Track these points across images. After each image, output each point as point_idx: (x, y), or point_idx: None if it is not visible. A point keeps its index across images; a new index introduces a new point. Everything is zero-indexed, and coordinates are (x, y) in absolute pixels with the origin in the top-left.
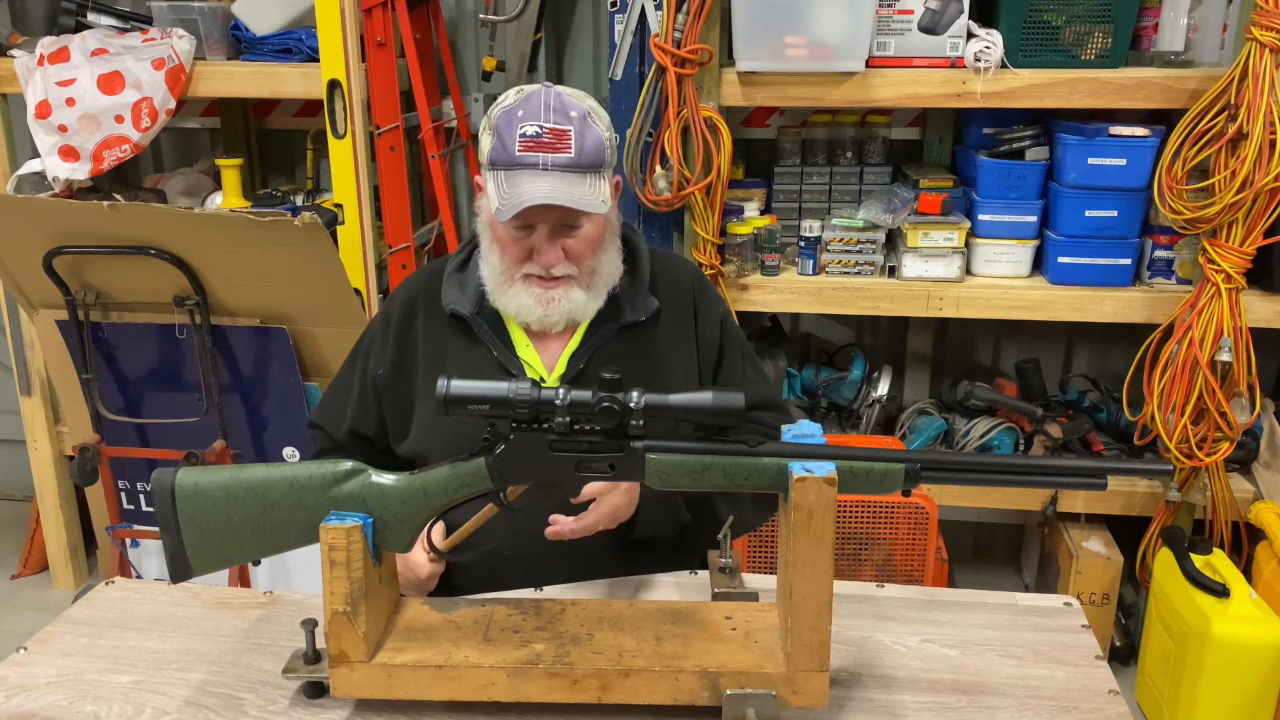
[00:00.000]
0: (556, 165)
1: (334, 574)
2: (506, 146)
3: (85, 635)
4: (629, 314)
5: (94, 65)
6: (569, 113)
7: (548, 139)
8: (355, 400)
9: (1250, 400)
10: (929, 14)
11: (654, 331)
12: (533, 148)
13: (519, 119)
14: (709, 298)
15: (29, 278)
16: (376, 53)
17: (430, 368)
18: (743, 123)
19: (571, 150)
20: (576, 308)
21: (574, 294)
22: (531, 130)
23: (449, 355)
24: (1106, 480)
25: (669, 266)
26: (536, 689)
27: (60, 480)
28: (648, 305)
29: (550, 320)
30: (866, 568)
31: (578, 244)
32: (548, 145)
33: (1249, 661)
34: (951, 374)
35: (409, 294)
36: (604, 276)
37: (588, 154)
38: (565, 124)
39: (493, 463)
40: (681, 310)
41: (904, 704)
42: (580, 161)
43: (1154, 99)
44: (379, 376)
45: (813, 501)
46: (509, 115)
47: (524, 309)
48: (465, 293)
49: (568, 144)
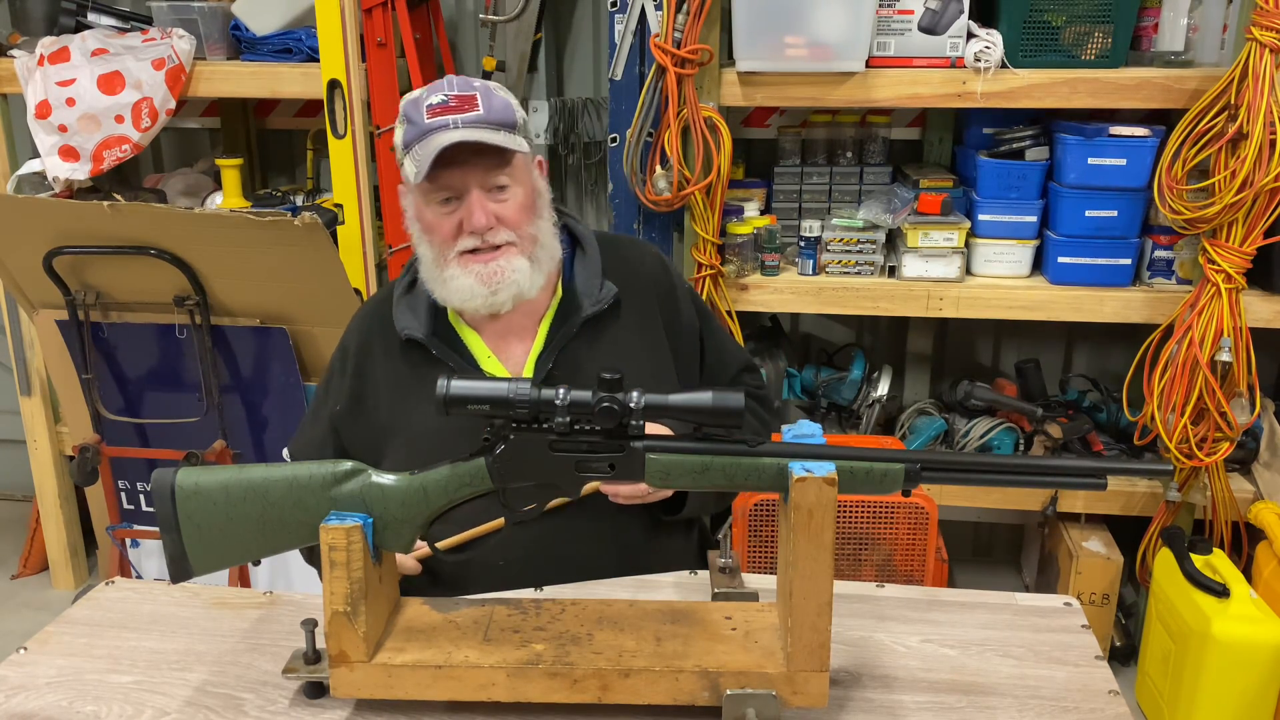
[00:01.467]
0: (466, 122)
1: (334, 574)
2: (415, 121)
3: (85, 635)
4: (588, 306)
5: (94, 65)
6: (471, 83)
7: (454, 103)
8: (322, 435)
9: (1250, 400)
10: (929, 14)
11: (617, 322)
12: (440, 112)
13: (423, 98)
14: (673, 278)
15: (29, 278)
16: (376, 53)
17: (395, 396)
18: (743, 123)
19: (479, 108)
20: (522, 279)
21: (517, 263)
22: (437, 99)
23: (411, 382)
24: (1106, 480)
25: (624, 251)
26: (536, 689)
27: (60, 480)
28: (606, 293)
29: (497, 299)
30: (866, 568)
31: (507, 208)
32: (455, 108)
33: (1249, 661)
34: (951, 374)
35: (363, 325)
36: (546, 249)
37: (496, 111)
38: (469, 90)
39: (493, 463)
40: (644, 296)
41: (904, 704)
42: (489, 118)
43: (1154, 99)
44: (336, 414)
45: (813, 501)
46: (414, 100)
47: (467, 292)
48: (417, 314)
49: (475, 104)
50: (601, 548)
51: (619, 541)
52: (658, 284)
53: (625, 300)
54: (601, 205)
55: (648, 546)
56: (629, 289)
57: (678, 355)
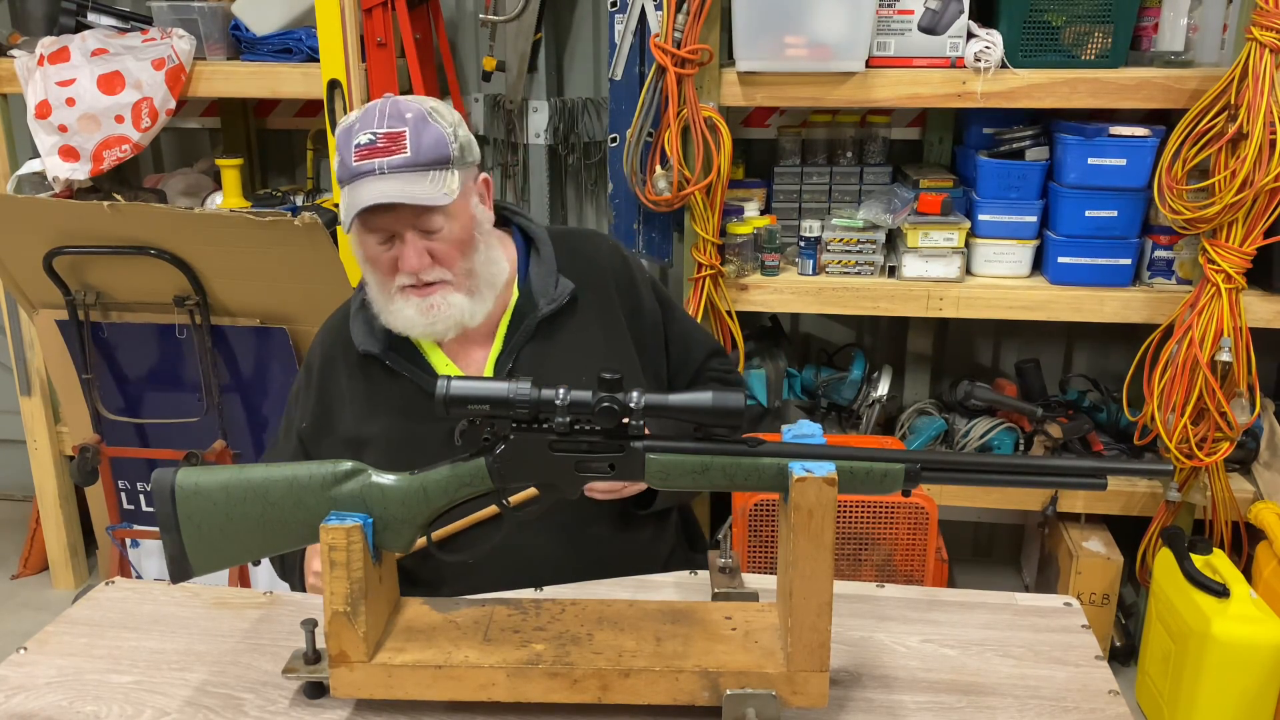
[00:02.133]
0: (393, 167)
1: (334, 574)
2: (345, 160)
3: (85, 635)
4: (544, 305)
5: (94, 65)
6: (404, 115)
7: (381, 144)
8: (294, 449)
9: (1250, 400)
10: (929, 14)
11: (576, 318)
12: (367, 154)
13: (355, 131)
14: (632, 268)
15: (29, 278)
16: (376, 53)
17: (360, 411)
18: (743, 123)
19: (407, 149)
20: (462, 313)
21: (454, 299)
22: (365, 139)
23: (374, 395)
24: (1106, 480)
25: (580, 245)
26: (536, 689)
27: (60, 480)
28: (562, 290)
29: (437, 330)
30: (866, 568)
31: (442, 246)
32: (381, 150)
33: (1249, 661)
34: (951, 374)
35: (326, 341)
36: (484, 278)
37: (425, 151)
38: (399, 126)
39: (493, 463)
40: (602, 289)
41: (904, 704)
42: (419, 160)
43: (1154, 99)
44: (302, 430)
45: (813, 501)
46: (348, 131)
47: (408, 322)
48: (373, 329)
49: (402, 145)
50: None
51: (585, 536)
52: (616, 275)
53: (583, 295)
54: (601, 205)
55: (613, 541)
56: (586, 283)
57: (642, 346)
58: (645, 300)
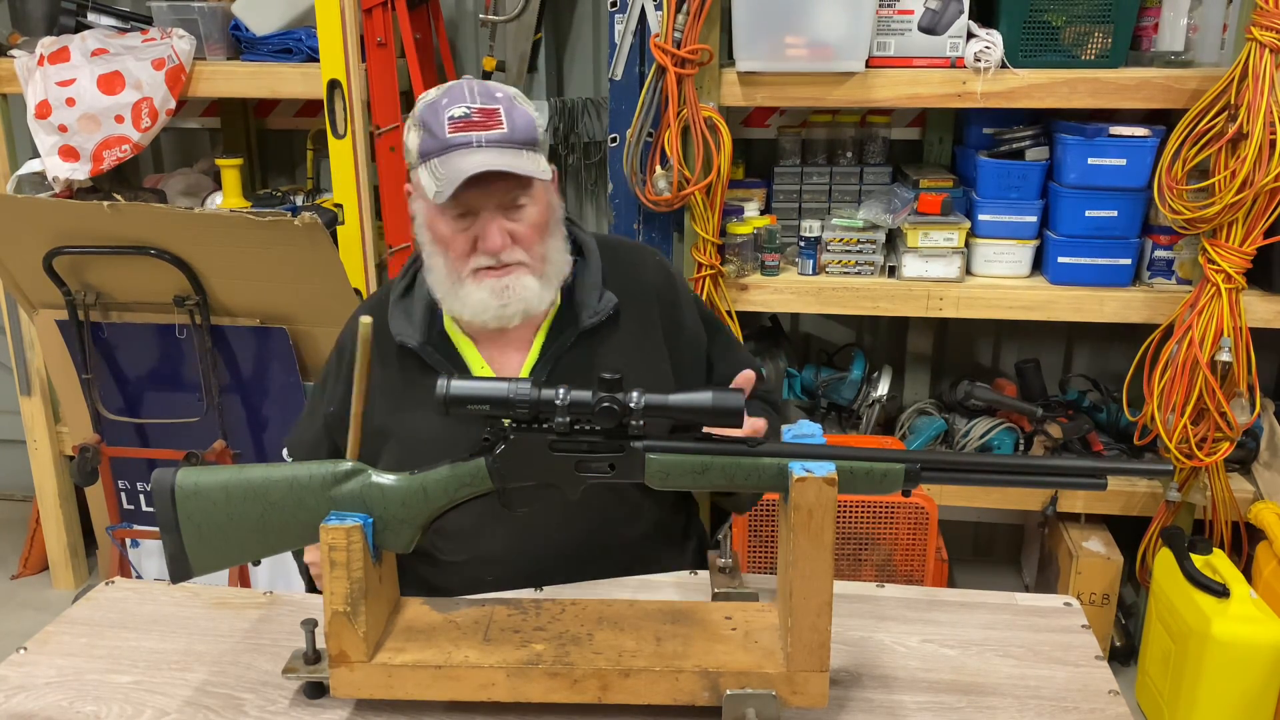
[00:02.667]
0: (490, 141)
1: (334, 574)
2: (436, 133)
3: (85, 635)
4: (585, 317)
5: (94, 65)
6: (494, 94)
7: (477, 118)
8: (316, 433)
9: (1250, 400)
10: (929, 14)
11: (616, 332)
12: (463, 128)
13: (443, 105)
14: (676, 286)
15: (29, 278)
16: (376, 53)
17: (390, 402)
18: (743, 123)
19: (503, 126)
20: (531, 297)
21: (526, 281)
22: (460, 112)
23: (405, 388)
24: (1106, 480)
25: (627, 258)
26: (536, 689)
27: (60, 480)
28: (605, 304)
29: (508, 313)
30: (866, 568)
31: (522, 227)
32: (478, 124)
33: (1249, 661)
34: (951, 374)
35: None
36: (555, 265)
37: (520, 130)
38: (492, 103)
39: (493, 463)
40: (645, 305)
41: (904, 704)
42: (513, 137)
43: (1154, 99)
44: (329, 415)
45: (813, 501)
46: (433, 107)
47: (479, 305)
48: (412, 321)
49: (498, 121)
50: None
51: (619, 540)
52: (660, 292)
53: (625, 309)
54: (601, 205)
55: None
56: (629, 297)
57: (679, 366)
58: (687, 319)
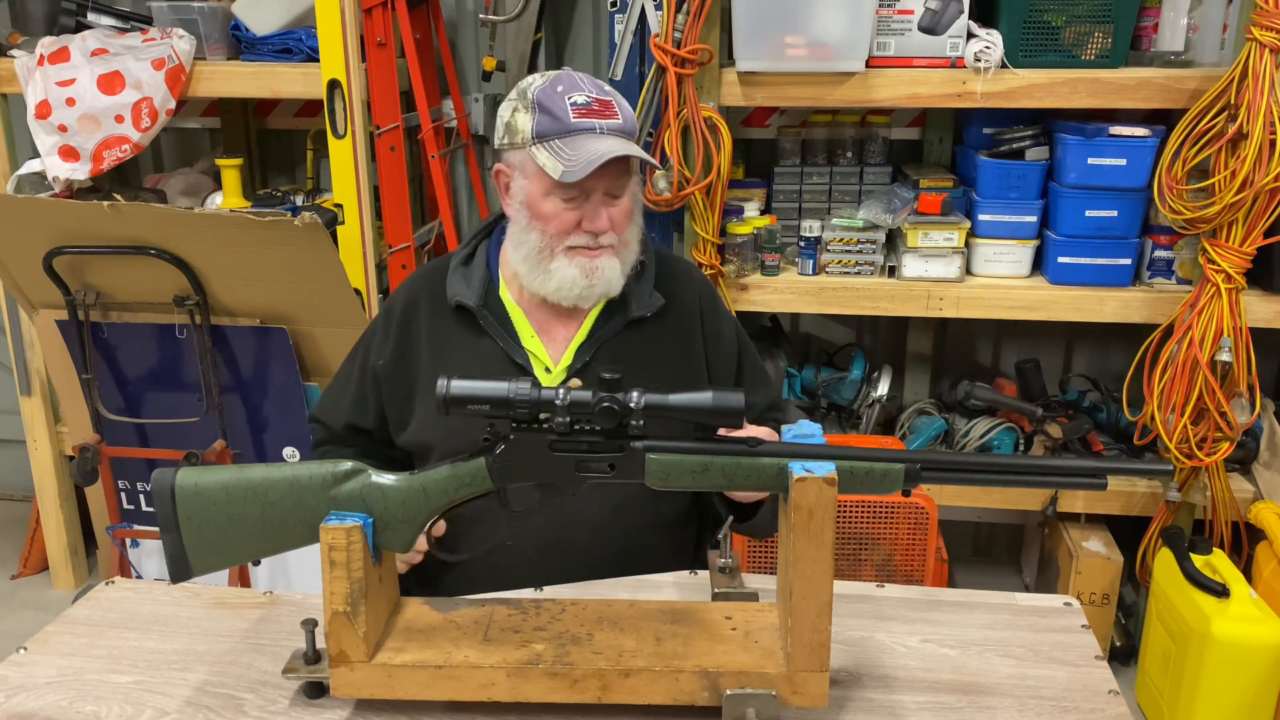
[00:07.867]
0: (610, 129)
1: (334, 574)
2: (559, 116)
3: (85, 635)
4: (635, 309)
5: (94, 65)
6: (604, 87)
7: (597, 107)
8: (354, 394)
9: (1250, 400)
10: (929, 14)
11: (659, 329)
12: (585, 114)
13: (562, 92)
14: (718, 298)
15: (29, 278)
16: (376, 53)
17: (434, 359)
18: (743, 123)
19: (618, 116)
20: (614, 279)
21: (613, 264)
22: (581, 99)
23: (453, 347)
24: (1106, 480)
25: (676, 268)
26: (536, 689)
27: (60, 480)
28: (654, 301)
29: (594, 293)
30: (866, 568)
31: (619, 213)
32: (599, 112)
33: (1249, 661)
34: (951, 374)
35: (411, 289)
36: (633, 252)
37: (629, 121)
38: (606, 95)
39: (493, 463)
40: (688, 311)
41: (904, 704)
42: (626, 127)
43: (1154, 99)
44: (379, 368)
45: (813, 501)
46: (549, 91)
47: (567, 281)
48: (471, 285)
49: (614, 111)
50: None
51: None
52: (703, 300)
53: (669, 313)
54: None
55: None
56: (675, 304)
57: (714, 374)
58: (725, 331)
